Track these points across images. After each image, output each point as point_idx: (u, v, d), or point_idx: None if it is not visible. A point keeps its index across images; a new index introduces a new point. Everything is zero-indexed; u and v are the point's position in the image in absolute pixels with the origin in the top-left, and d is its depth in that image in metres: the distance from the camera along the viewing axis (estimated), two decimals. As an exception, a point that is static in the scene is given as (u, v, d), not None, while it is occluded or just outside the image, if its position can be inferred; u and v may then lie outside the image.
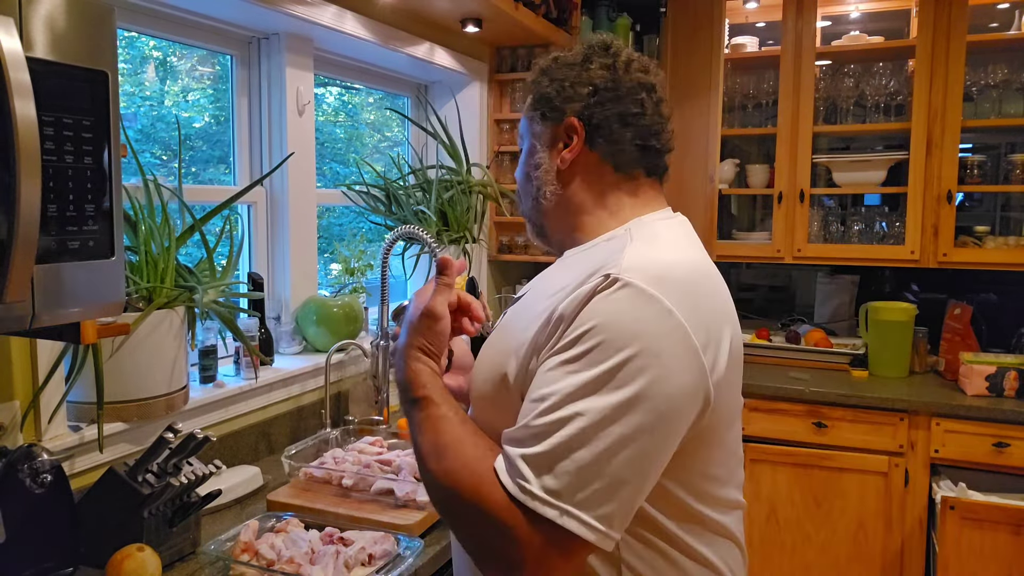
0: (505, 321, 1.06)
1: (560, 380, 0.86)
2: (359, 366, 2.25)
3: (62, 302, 0.97)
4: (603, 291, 0.87)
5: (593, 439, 0.83)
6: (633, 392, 0.83)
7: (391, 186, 2.58)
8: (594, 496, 0.83)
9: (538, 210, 1.09)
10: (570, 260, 1.04)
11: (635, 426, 0.83)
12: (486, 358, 1.02)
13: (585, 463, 0.83)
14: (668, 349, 0.86)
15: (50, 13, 0.93)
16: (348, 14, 2.16)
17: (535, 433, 0.85)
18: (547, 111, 1.06)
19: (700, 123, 3.09)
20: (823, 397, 2.64)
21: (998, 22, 2.95)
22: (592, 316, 0.86)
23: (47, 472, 1.23)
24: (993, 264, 2.77)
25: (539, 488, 0.83)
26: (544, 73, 1.08)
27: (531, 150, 1.09)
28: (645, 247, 0.95)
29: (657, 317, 0.86)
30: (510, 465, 0.86)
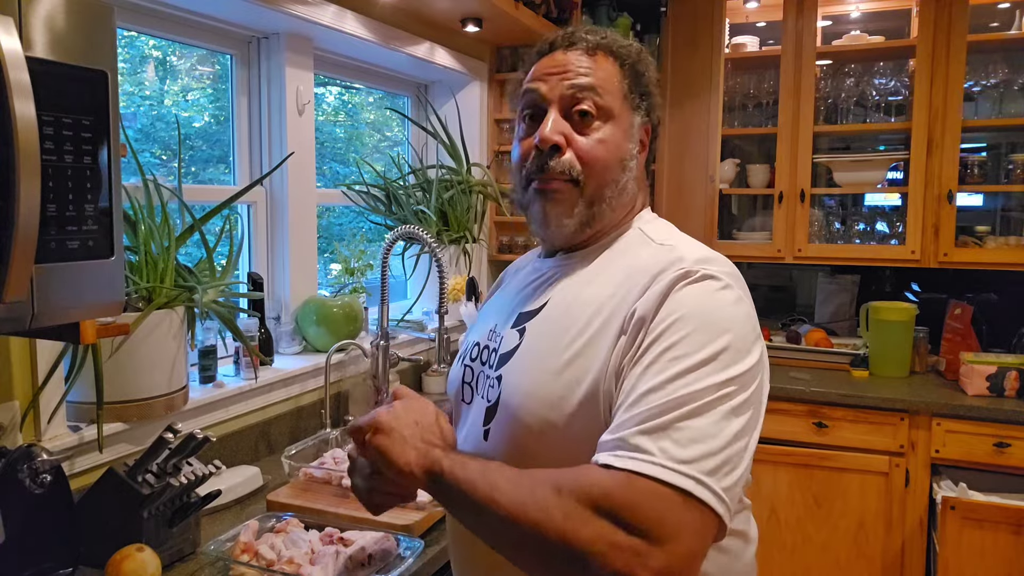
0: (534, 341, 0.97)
1: (662, 369, 0.82)
2: (359, 366, 2.25)
3: (62, 302, 0.97)
4: (684, 283, 0.87)
5: (710, 409, 0.80)
6: (737, 371, 0.84)
7: (391, 186, 2.58)
8: (719, 466, 0.79)
9: (610, 200, 1.00)
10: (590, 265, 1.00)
11: (754, 406, 0.85)
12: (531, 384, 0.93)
13: (705, 432, 0.79)
14: (749, 332, 0.88)
15: (50, 13, 0.93)
16: (348, 14, 2.16)
17: (645, 414, 0.80)
18: (647, 104, 1.04)
19: (700, 123, 3.09)
20: (823, 397, 2.64)
21: (998, 22, 2.95)
22: (678, 307, 0.86)
23: (47, 472, 1.23)
24: (994, 264, 2.77)
25: (665, 457, 0.77)
26: (642, 62, 1.03)
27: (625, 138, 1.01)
28: (690, 244, 0.97)
29: (735, 304, 0.89)
30: (618, 445, 0.79)
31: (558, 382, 0.91)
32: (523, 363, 0.97)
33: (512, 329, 1.02)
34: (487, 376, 1.03)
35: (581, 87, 0.99)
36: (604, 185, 0.99)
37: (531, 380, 0.95)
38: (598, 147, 0.98)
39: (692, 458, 0.77)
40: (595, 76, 0.99)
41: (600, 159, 0.98)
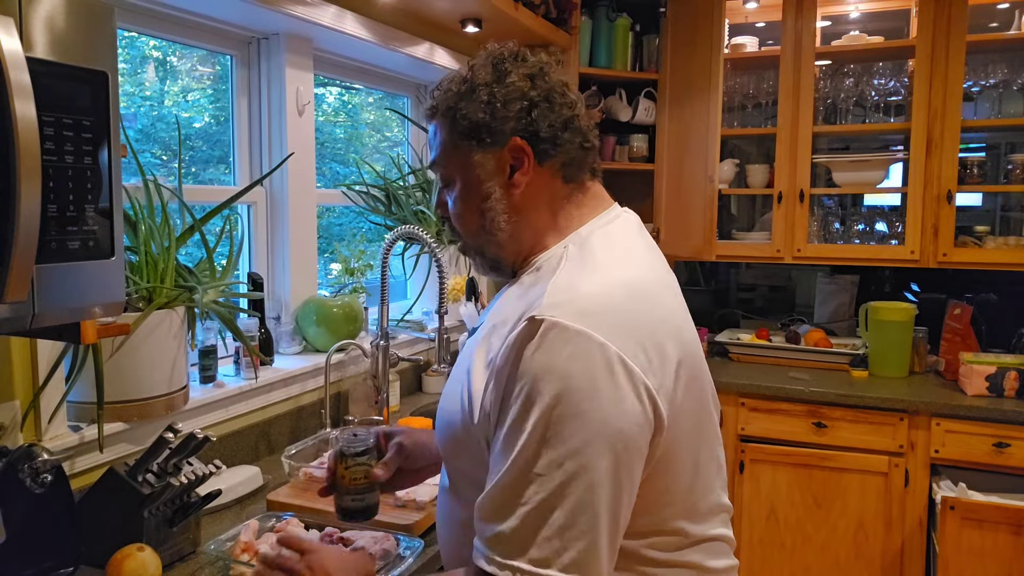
0: (462, 353, 1.03)
1: (513, 446, 0.83)
2: (359, 366, 2.25)
3: (62, 302, 0.97)
4: (530, 338, 0.84)
5: (563, 496, 0.81)
6: (581, 437, 0.81)
7: (391, 186, 2.58)
8: (581, 553, 0.81)
9: (493, 244, 1.02)
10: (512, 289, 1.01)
11: (596, 469, 0.81)
12: (443, 401, 1.03)
13: (563, 523, 0.81)
14: (607, 382, 0.82)
15: (50, 13, 0.93)
16: (348, 14, 2.16)
17: (505, 506, 0.83)
18: (484, 137, 0.97)
19: (700, 123, 3.09)
20: (823, 397, 2.64)
21: (998, 22, 2.95)
22: (525, 370, 0.84)
23: (47, 472, 1.23)
24: (993, 264, 2.77)
25: (526, 562, 0.81)
26: (463, 99, 0.99)
27: (472, 183, 1.00)
28: (573, 274, 0.92)
29: (589, 353, 0.82)
30: (490, 548, 0.84)
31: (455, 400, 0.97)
32: (450, 379, 1.04)
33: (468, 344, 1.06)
34: None
35: (431, 164, 1.06)
36: (474, 235, 1.03)
37: (445, 398, 1.03)
38: (454, 210, 1.04)
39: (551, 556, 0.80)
40: (435, 147, 1.04)
41: (458, 219, 1.04)
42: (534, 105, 0.97)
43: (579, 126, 1.01)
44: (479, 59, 1.01)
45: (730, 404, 2.75)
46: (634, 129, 3.27)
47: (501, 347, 0.88)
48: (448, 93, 1.01)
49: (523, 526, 0.81)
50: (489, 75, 0.98)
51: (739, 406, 2.75)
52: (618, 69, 3.17)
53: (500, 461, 0.85)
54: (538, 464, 0.81)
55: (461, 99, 0.99)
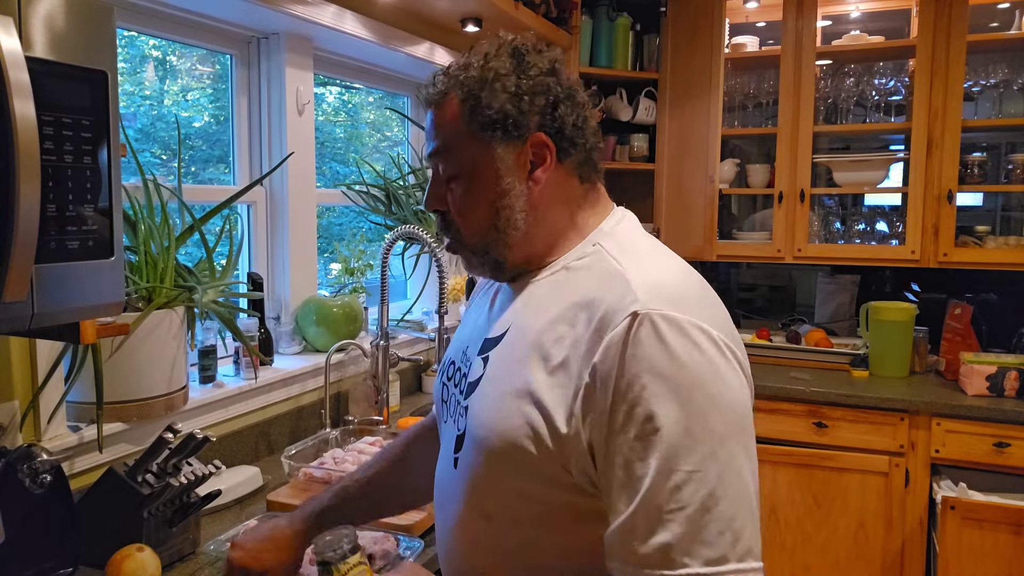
0: (492, 375, 0.94)
1: (650, 451, 0.78)
2: (359, 366, 2.25)
3: (61, 302, 0.97)
4: (637, 333, 0.80)
5: (718, 487, 0.77)
6: (723, 421, 0.79)
7: (391, 186, 2.58)
8: (747, 534, 0.77)
9: (502, 243, 0.96)
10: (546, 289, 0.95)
11: (735, 452, 0.79)
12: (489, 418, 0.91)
13: (729, 515, 0.76)
14: (725, 367, 0.82)
15: (50, 13, 0.93)
16: (348, 14, 2.16)
17: (660, 515, 0.76)
18: (509, 129, 0.92)
19: (700, 123, 3.09)
20: (823, 397, 2.64)
21: (998, 22, 2.95)
22: (641, 367, 0.79)
23: (47, 472, 1.23)
24: (993, 264, 2.77)
25: (701, 565, 0.75)
26: (485, 87, 0.92)
27: (489, 177, 0.94)
28: (642, 268, 0.88)
29: (704, 341, 0.81)
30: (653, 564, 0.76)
31: (514, 420, 0.88)
32: (486, 394, 0.94)
33: (478, 356, 0.98)
34: (457, 401, 1.00)
35: (432, 154, 0.97)
36: (481, 233, 0.96)
37: (490, 415, 0.91)
38: (460, 204, 0.96)
39: (728, 548, 0.76)
40: (440, 135, 0.96)
41: (464, 214, 0.96)
42: (559, 101, 0.94)
43: (592, 126, 0.98)
44: (491, 47, 0.95)
45: (730, 404, 2.75)
46: (634, 129, 3.27)
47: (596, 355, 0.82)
48: (466, 79, 0.94)
49: (691, 529, 0.75)
50: (510, 65, 0.93)
51: (739, 406, 2.75)
52: (618, 69, 3.17)
53: (637, 469, 0.78)
54: (690, 461, 0.77)
55: (483, 87, 0.93)
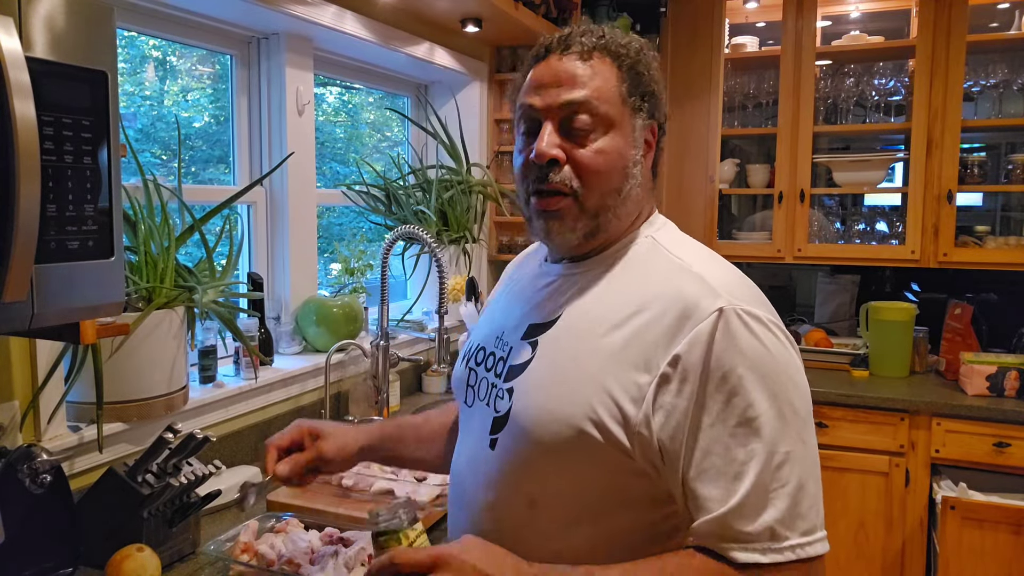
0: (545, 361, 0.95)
1: (752, 435, 0.84)
2: (359, 366, 2.25)
3: (62, 302, 0.97)
4: (728, 327, 0.86)
5: (811, 468, 0.86)
6: (804, 407, 0.88)
7: (391, 186, 2.58)
8: (821, 510, 0.86)
9: (615, 210, 0.97)
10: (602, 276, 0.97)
11: (810, 437, 0.88)
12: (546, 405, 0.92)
13: (816, 492, 0.85)
14: (796, 358, 0.91)
15: (50, 13, 0.93)
16: (348, 14, 2.16)
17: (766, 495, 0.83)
18: (650, 106, 0.98)
19: (700, 123, 3.09)
20: (823, 397, 2.64)
21: (998, 22, 2.95)
22: (731, 360, 0.85)
23: (47, 472, 1.23)
24: (993, 264, 2.77)
25: (799, 536, 0.83)
26: (640, 64, 0.97)
27: (630, 145, 0.96)
28: (708, 266, 0.93)
29: (779, 335, 0.90)
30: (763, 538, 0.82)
31: (578, 404, 0.89)
32: (539, 379, 0.94)
33: (523, 340, 0.98)
34: (495, 385, 1.00)
35: (575, 101, 0.94)
36: (606, 195, 0.95)
37: (548, 398, 0.92)
38: (597, 158, 0.94)
39: (817, 521, 0.84)
40: (590, 85, 0.94)
41: (600, 171, 0.94)
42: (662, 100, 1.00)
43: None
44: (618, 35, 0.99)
45: (730, 404, 2.75)
46: (634, 129, 3.27)
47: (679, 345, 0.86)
48: (626, 50, 0.97)
49: (792, 505, 0.83)
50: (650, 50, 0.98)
51: (739, 406, 2.75)
52: (618, 69, 3.17)
53: (738, 453, 0.83)
54: (786, 443, 0.84)
55: (641, 59, 0.97)
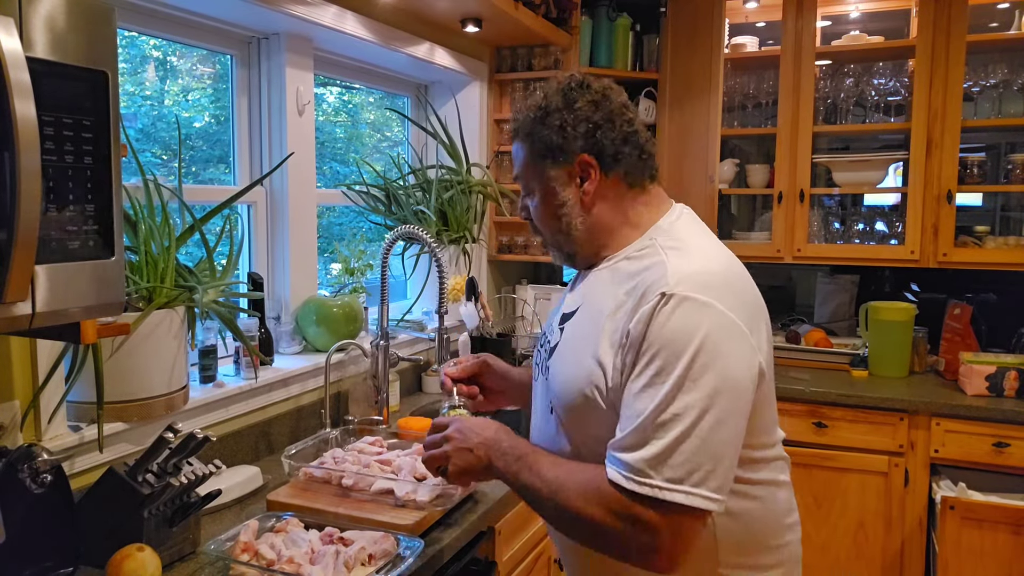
0: (567, 341, 1.20)
1: (652, 395, 1.01)
2: (359, 366, 2.25)
3: (62, 302, 0.97)
4: (661, 309, 1.03)
5: (693, 429, 0.99)
6: (712, 385, 1.00)
7: (391, 186, 2.58)
8: (708, 473, 1.00)
9: (570, 241, 1.21)
10: (608, 273, 1.18)
11: (722, 408, 1.01)
12: (566, 381, 1.17)
13: (692, 449, 0.99)
14: (727, 341, 1.03)
15: (50, 13, 0.93)
16: (348, 14, 2.16)
17: (641, 438, 1.01)
18: (557, 156, 1.18)
19: (700, 123, 3.09)
20: (823, 397, 2.64)
21: (998, 22, 2.95)
22: (658, 335, 1.03)
23: (47, 472, 1.23)
24: (993, 264, 2.77)
25: (662, 480, 0.99)
26: (538, 124, 1.19)
27: (549, 194, 1.20)
28: (682, 259, 1.10)
29: (712, 317, 1.03)
30: (626, 469, 1.01)
31: (582, 373, 1.13)
32: (562, 355, 1.20)
33: (557, 327, 1.24)
34: (543, 364, 1.27)
35: (515, 178, 1.28)
36: (554, 234, 1.23)
37: (565, 370, 1.18)
38: (536, 214, 1.24)
39: (684, 475, 0.99)
40: (516, 163, 1.25)
41: (541, 222, 1.24)
42: (598, 127, 1.16)
43: (638, 140, 1.19)
44: (551, 88, 1.20)
45: (730, 404, 2.75)
46: (634, 129, 3.27)
47: (631, 322, 1.06)
48: (526, 120, 1.21)
49: (662, 454, 0.99)
50: (560, 102, 1.18)
51: (739, 406, 2.75)
52: (618, 69, 3.17)
53: (639, 406, 1.02)
54: (675, 406, 1.00)
55: (536, 124, 1.19)
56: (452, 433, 1.23)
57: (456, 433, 1.22)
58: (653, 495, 0.99)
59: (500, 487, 1.71)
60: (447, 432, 1.23)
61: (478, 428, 1.22)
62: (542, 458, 1.15)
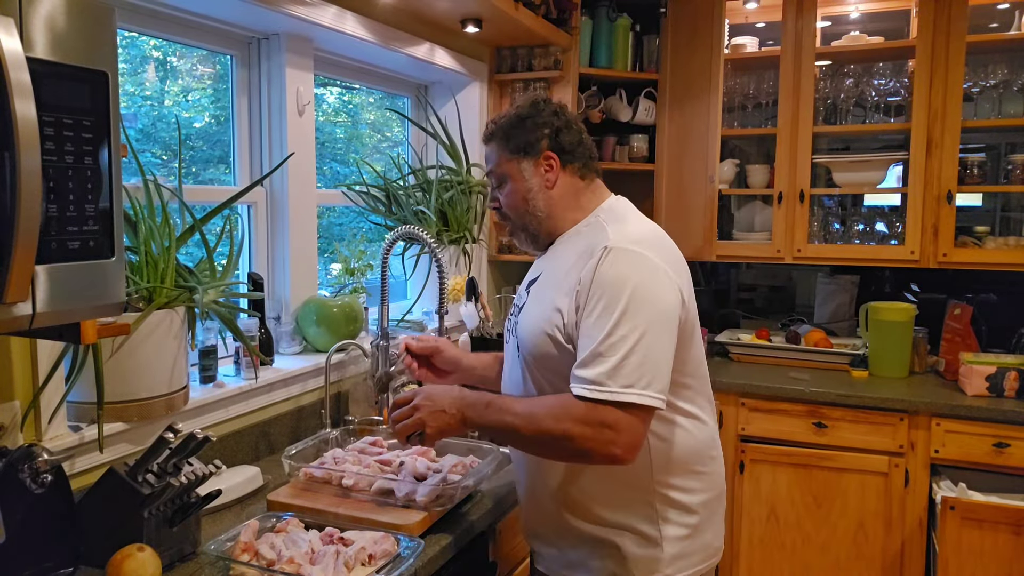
0: (532, 298, 1.47)
1: (601, 324, 1.28)
2: (359, 366, 2.25)
3: (62, 302, 0.97)
4: (605, 259, 1.32)
5: (636, 347, 1.26)
6: (646, 313, 1.28)
7: (391, 186, 2.58)
8: (652, 379, 1.27)
9: (535, 221, 1.48)
10: (563, 246, 1.46)
11: (656, 330, 1.29)
12: (532, 327, 1.42)
13: (638, 362, 1.26)
14: (655, 279, 1.32)
15: (50, 13, 0.93)
16: (348, 14, 2.16)
17: (597, 359, 1.27)
18: (528, 151, 1.46)
19: (700, 123, 3.09)
20: (823, 397, 2.64)
21: (998, 22, 2.95)
22: (603, 278, 1.30)
23: (47, 472, 1.23)
24: (993, 264, 2.77)
25: (618, 386, 1.25)
26: (513, 127, 1.47)
27: (520, 181, 1.47)
28: (620, 225, 1.41)
29: (643, 263, 1.33)
30: (588, 383, 1.26)
31: (543, 318, 1.40)
32: (528, 311, 1.47)
33: (525, 291, 1.51)
34: (513, 323, 1.53)
35: (488, 173, 1.55)
36: (522, 218, 1.50)
37: (530, 320, 1.44)
38: (506, 201, 1.51)
39: (634, 381, 1.26)
40: (491, 160, 1.51)
41: (512, 207, 1.50)
42: (559, 130, 1.46)
43: (587, 144, 1.51)
44: (524, 102, 1.50)
45: (730, 404, 2.75)
46: (634, 129, 3.27)
47: (582, 271, 1.33)
48: (502, 125, 1.49)
49: (615, 367, 1.25)
50: (528, 110, 1.48)
51: (739, 406, 2.75)
52: (618, 69, 3.17)
53: (593, 334, 1.28)
54: (622, 330, 1.27)
55: (512, 128, 1.48)
56: (421, 401, 1.41)
57: (425, 400, 1.41)
58: (612, 399, 1.24)
59: (500, 487, 1.71)
60: (416, 402, 1.41)
61: (442, 391, 1.42)
62: (508, 399, 1.39)
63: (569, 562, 1.47)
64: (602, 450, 1.26)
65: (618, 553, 1.41)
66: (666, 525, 1.41)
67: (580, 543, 1.45)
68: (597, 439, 1.26)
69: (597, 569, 1.43)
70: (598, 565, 1.43)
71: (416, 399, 1.41)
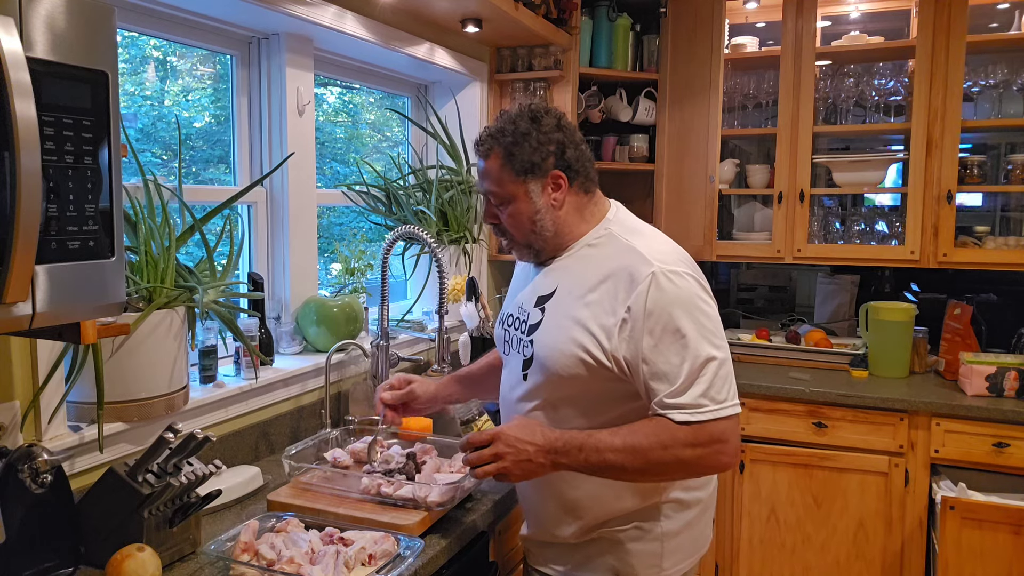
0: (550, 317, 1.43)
1: (678, 350, 1.30)
2: (359, 366, 2.25)
3: (62, 302, 0.97)
4: (653, 285, 1.31)
5: (715, 363, 1.31)
6: (709, 327, 1.33)
7: (391, 186, 2.58)
8: (732, 386, 1.34)
9: (540, 240, 1.45)
10: (573, 260, 1.45)
11: (718, 341, 1.33)
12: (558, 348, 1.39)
13: (723, 376, 1.32)
14: (701, 294, 1.35)
15: (50, 13, 0.93)
16: (348, 14, 2.16)
17: (688, 382, 1.29)
18: (534, 171, 1.41)
19: (700, 123, 3.09)
20: (823, 397, 2.64)
21: (998, 22, 2.95)
22: (660, 306, 1.31)
23: (47, 472, 1.23)
24: (993, 264, 2.77)
25: (716, 404, 1.29)
26: (515, 146, 1.40)
27: (525, 203, 1.42)
28: (641, 240, 1.40)
29: (687, 281, 1.34)
30: (689, 408, 1.29)
31: (573, 341, 1.37)
32: (548, 331, 1.42)
33: (535, 308, 1.47)
34: (520, 339, 1.49)
35: (486, 192, 1.47)
36: (526, 236, 1.46)
37: (555, 341, 1.40)
38: (509, 220, 1.46)
39: (726, 394, 1.31)
40: (491, 178, 1.44)
41: (515, 227, 1.46)
42: (565, 146, 1.42)
43: (588, 155, 1.46)
44: (513, 113, 1.43)
45: (730, 404, 2.75)
46: (634, 129, 3.27)
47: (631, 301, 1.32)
48: (504, 143, 1.41)
49: (707, 389, 1.29)
50: (529, 125, 1.40)
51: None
52: (618, 69, 3.17)
53: (672, 360, 1.30)
54: (704, 349, 1.30)
55: (515, 144, 1.40)
56: (502, 450, 1.34)
57: (506, 448, 1.34)
58: (716, 415, 1.29)
59: (500, 487, 1.71)
60: (496, 450, 1.35)
61: (524, 435, 1.35)
62: (598, 436, 1.33)
63: (569, 561, 1.48)
64: (713, 463, 1.31)
65: (620, 549, 1.44)
66: (667, 521, 1.45)
67: (582, 542, 1.46)
68: (708, 456, 1.30)
69: (599, 566, 1.45)
70: (599, 563, 1.45)
71: (497, 446, 1.35)
